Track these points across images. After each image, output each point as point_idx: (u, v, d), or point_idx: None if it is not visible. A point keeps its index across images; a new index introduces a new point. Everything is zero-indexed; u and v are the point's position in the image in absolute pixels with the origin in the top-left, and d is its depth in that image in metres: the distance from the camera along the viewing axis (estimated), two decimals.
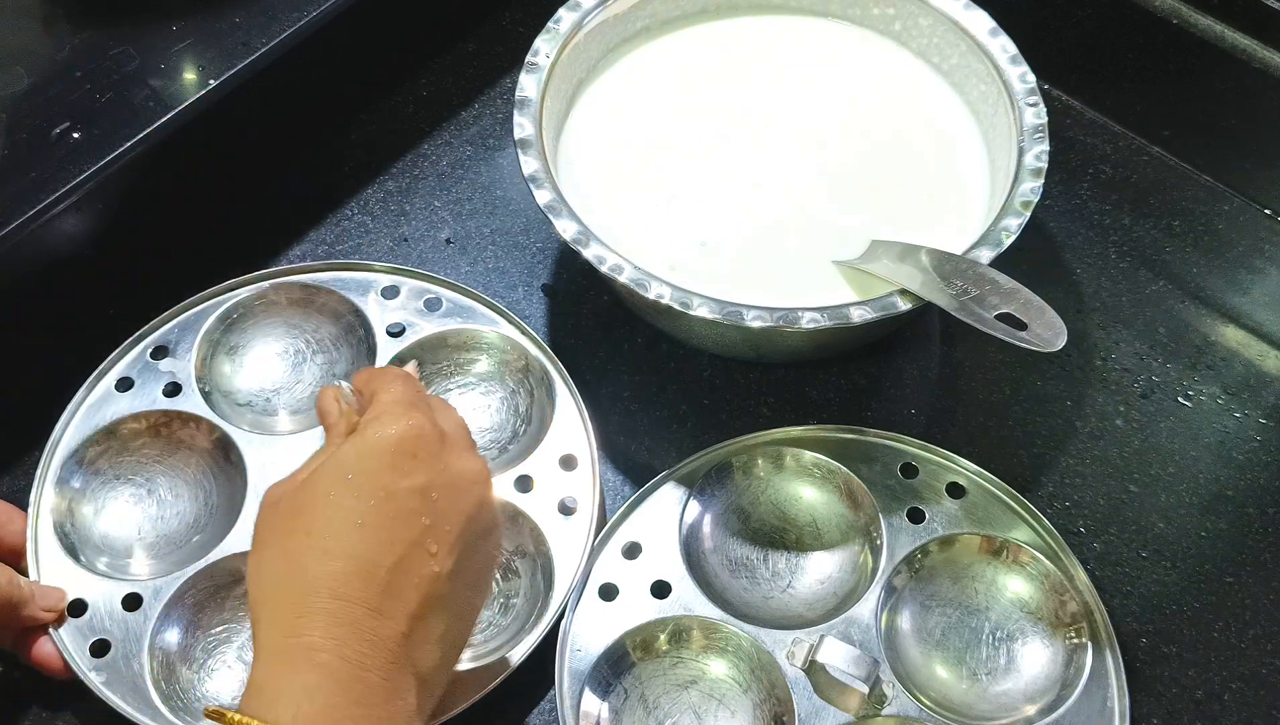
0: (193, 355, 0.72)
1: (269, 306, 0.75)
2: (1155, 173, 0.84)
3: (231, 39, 0.76)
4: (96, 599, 0.64)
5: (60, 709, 0.64)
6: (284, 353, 0.74)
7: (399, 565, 0.50)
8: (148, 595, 0.64)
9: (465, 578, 0.53)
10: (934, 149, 0.76)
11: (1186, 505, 0.71)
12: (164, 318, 0.73)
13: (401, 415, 0.53)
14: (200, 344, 0.72)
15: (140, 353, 0.72)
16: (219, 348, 0.73)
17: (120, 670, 0.62)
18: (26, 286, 0.71)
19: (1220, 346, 0.77)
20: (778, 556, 0.67)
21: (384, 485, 0.51)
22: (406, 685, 0.50)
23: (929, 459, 0.69)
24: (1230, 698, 0.65)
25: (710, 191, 0.74)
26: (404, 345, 0.72)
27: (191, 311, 0.74)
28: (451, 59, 0.89)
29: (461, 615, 0.54)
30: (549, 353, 0.72)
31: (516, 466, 0.68)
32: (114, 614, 0.64)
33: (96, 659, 0.63)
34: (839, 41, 0.81)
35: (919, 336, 0.77)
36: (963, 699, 0.63)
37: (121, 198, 0.73)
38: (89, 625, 0.63)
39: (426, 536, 0.51)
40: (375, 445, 0.52)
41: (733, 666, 0.64)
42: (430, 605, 0.51)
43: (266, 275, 0.75)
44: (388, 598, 0.49)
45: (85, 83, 0.73)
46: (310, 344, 0.74)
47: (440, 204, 0.82)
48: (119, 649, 0.63)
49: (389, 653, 0.49)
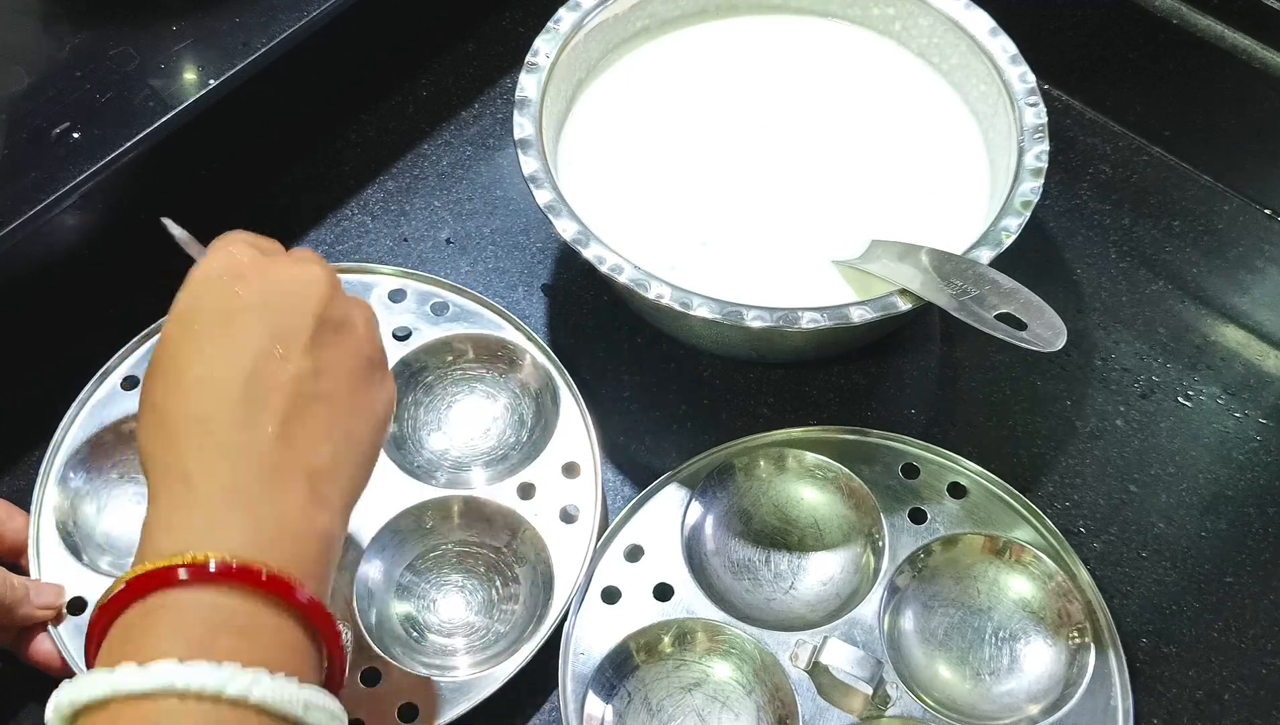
0: None
1: None
2: (1155, 173, 0.84)
3: (232, 39, 0.76)
4: (96, 598, 0.64)
5: None
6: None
7: (251, 376, 0.49)
8: None
9: (335, 376, 0.52)
10: (934, 149, 0.76)
11: (1186, 505, 0.71)
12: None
13: (219, 248, 0.54)
14: None
15: (147, 351, 0.72)
16: None
17: None
18: (26, 286, 0.71)
19: (1220, 346, 0.77)
20: (780, 558, 0.68)
21: (216, 310, 0.51)
22: (295, 485, 0.49)
23: (930, 459, 0.70)
24: (1230, 698, 0.65)
25: (710, 191, 0.74)
26: (409, 349, 0.72)
27: None
28: (451, 59, 0.89)
29: (350, 410, 0.53)
30: (555, 360, 0.72)
31: (519, 473, 0.68)
32: None
33: None
34: (839, 42, 0.81)
35: (919, 336, 0.77)
36: (966, 699, 0.63)
37: (121, 197, 0.73)
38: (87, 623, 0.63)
39: (272, 342, 0.50)
40: (200, 282, 0.52)
41: (736, 669, 0.64)
42: (298, 404, 0.50)
43: None
44: (248, 407, 0.49)
45: (85, 82, 0.73)
46: None
47: (440, 204, 0.82)
48: None
49: (261, 457, 0.49)
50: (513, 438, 0.71)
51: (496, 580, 0.67)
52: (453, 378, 0.73)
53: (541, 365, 0.72)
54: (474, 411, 0.73)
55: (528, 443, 0.71)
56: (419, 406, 0.72)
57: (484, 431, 0.72)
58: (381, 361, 0.56)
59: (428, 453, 0.71)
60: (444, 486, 0.68)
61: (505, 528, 0.67)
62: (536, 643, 0.63)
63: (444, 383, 0.73)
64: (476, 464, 0.70)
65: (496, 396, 0.73)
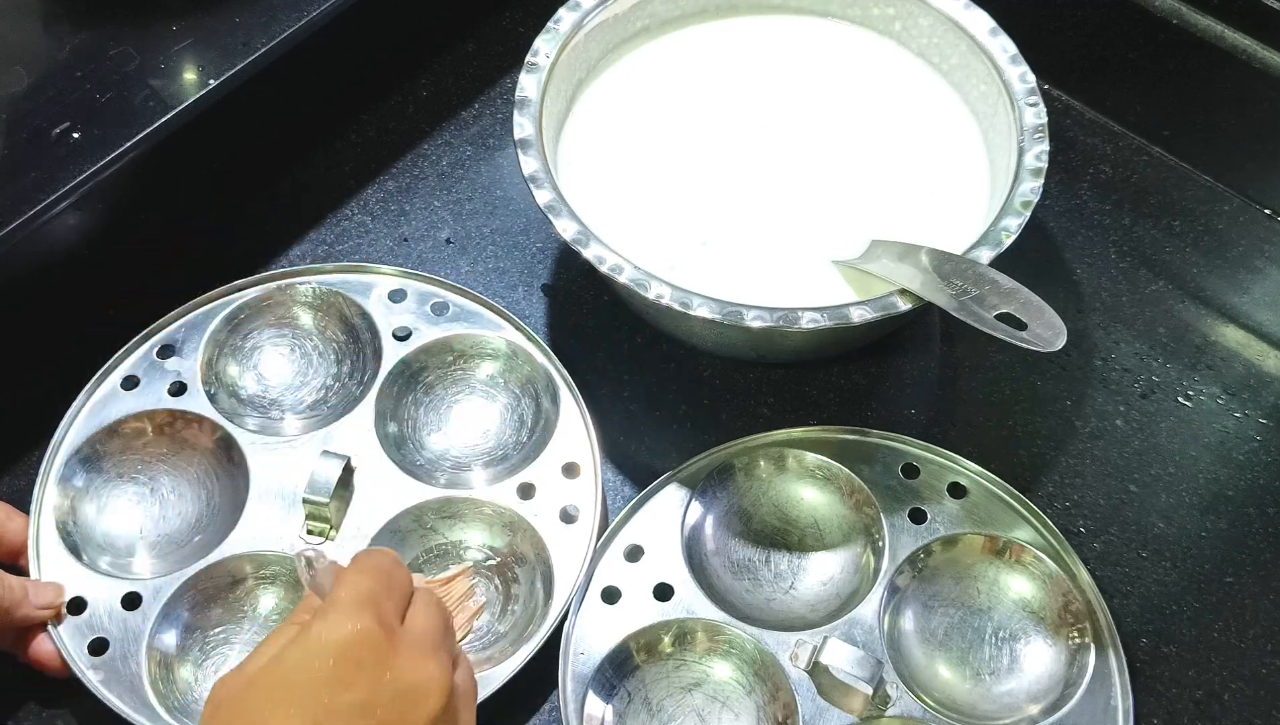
0: (198, 355, 0.71)
1: (276, 307, 0.74)
2: (1155, 173, 0.84)
3: (232, 39, 0.76)
4: (96, 597, 0.64)
5: (57, 706, 0.64)
6: (290, 354, 0.74)
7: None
8: (147, 595, 0.64)
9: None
10: (934, 149, 0.76)
11: (1186, 505, 0.71)
12: (172, 316, 0.73)
13: (349, 616, 0.50)
14: (206, 344, 0.72)
15: (147, 351, 0.72)
16: (225, 348, 0.73)
17: (118, 669, 0.62)
18: (26, 286, 0.71)
19: (1220, 346, 0.77)
20: (780, 558, 0.68)
21: (323, 701, 0.48)
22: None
23: (930, 459, 0.70)
24: (1230, 698, 0.65)
25: (710, 191, 0.74)
26: (409, 349, 0.72)
27: (199, 311, 0.73)
28: (452, 59, 0.89)
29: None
30: (554, 360, 0.72)
31: (519, 473, 0.68)
32: (113, 613, 0.64)
33: (95, 657, 0.63)
34: (839, 42, 0.80)
35: (919, 336, 0.77)
36: (966, 699, 0.63)
37: (121, 197, 0.73)
38: (88, 624, 0.63)
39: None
40: (317, 651, 0.49)
41: (736, 669, 0.64)
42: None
43: (275, 276, 0.75)
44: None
45: (85, 82, 0.73)
46: (316, 346, 0.74)
47: (440, 204, 0.82)
48: (117, 648, 0.63)
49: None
50: (513, 438, 0.71)
51: (496, 580, 0.67)
52: (453, 378, 0.73)
53: (541, 365, 0.72)
54: (474, 412, 0.73)
55: (528, 443, 0.71)
56: (419, 407, 0.72)
57: (484, 432, 0.72)
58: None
59: (428, 453, 0.71)
60: (444, 487, 0.68)
61: (505, 528, 0.67)
62: (536, 643, 0.63)
63: (444, 383, 0.73)
64: (476, 464, 0.70)
65: (496, 397, 0.73)
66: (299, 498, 0.67)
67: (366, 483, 0.68)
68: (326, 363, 0.74)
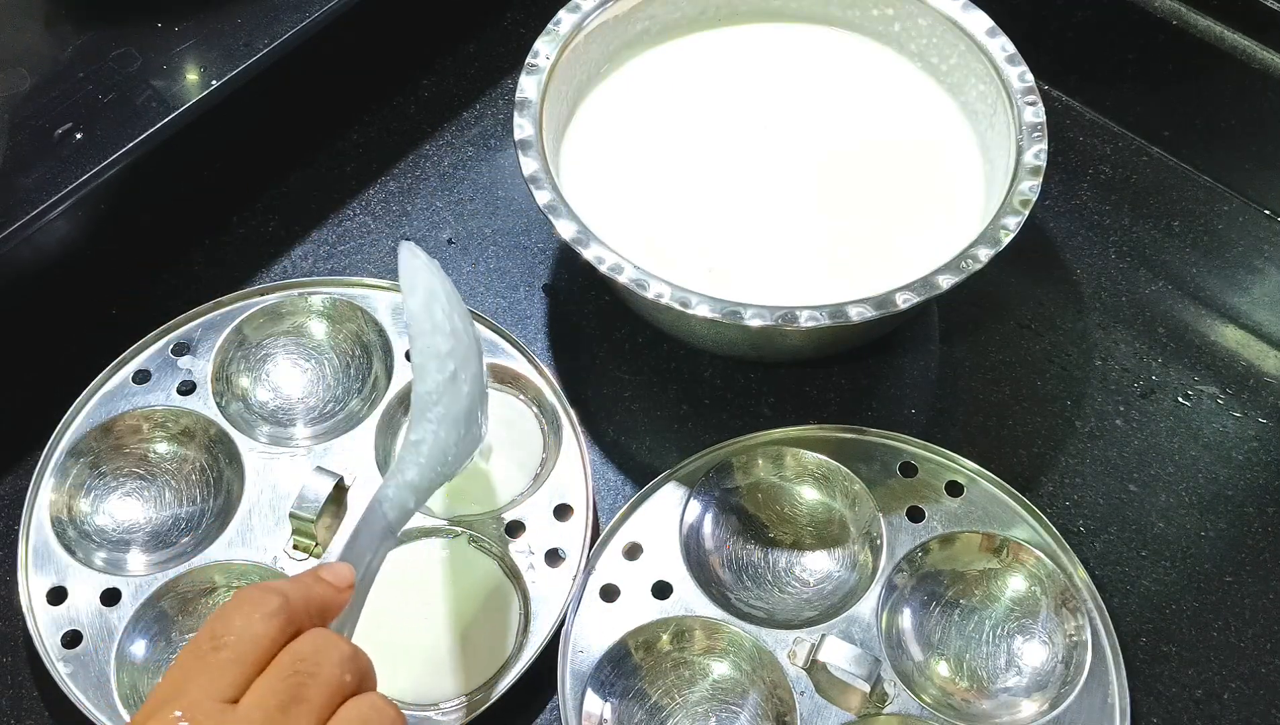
0: (212, 356, 0.71)
1: (294, 315, 0.74)
2: (1155, 173, 0.84)
3: (234, 40, 0.76)
4: (77, 590, 0.64)
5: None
6: (302, 365, 0.73)
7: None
8: (127, 592, 0.64)
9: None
10: (933, 150, 0.76)
11: (1186, 505, 0.71)
12: (191, 315, 0.73)
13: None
14: (221, 346, 0.72)
15: (162, 347, 0.72)
16: (238, 353, 0.72)
17: (88, 664, 0.62)
18: (27, 286, 0.71)
19: (1220, 346, 0.77)
20: (778, 556, 0.68)
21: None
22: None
23: (929, 458, 0.70)
24: (1230, 697, 0.65)
25: (710, 194, 0.75)
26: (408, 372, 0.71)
27: (219, 312, 0.73)
28: (453, 60, 0.89)
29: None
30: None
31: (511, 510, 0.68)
32: (91, 607, 0.63)
33: (67, 650, 0.62)
34: (838, 48, 0.81)
35: (919, 336, 0.77)
36: (964, 697, 0.63)
37: (123, 198, 0.73)
38: (65, 615, 0.63)
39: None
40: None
41: (735, 666, 0.64)
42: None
43: (294, 284, 0.74)
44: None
45: (88, 83, 0.73)
46: (330, 359, 0.74)
47: (442, 204, 0.82)
48: (89, 643, 0.62)
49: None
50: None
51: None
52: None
53: (549, 402, 0.71)
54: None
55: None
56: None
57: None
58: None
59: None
60: (438, 514, 0.68)
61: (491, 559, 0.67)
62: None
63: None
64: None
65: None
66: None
67: (360, 503, 0.67)
68: (337, 377, 0.73)
